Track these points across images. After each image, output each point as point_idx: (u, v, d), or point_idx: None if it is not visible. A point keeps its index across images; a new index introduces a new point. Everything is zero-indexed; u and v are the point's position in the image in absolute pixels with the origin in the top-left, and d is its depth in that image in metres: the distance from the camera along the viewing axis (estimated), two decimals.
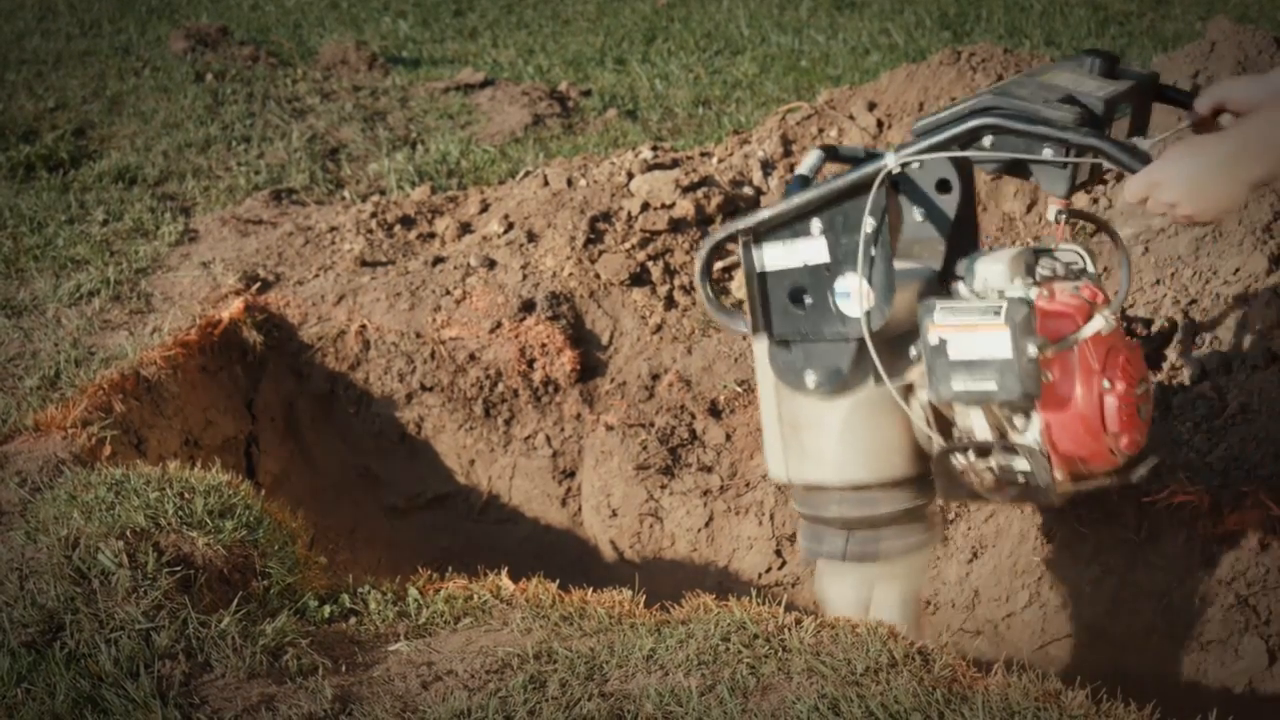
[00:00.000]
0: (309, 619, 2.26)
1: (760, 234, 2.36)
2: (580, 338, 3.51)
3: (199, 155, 4.84)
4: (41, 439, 2.74)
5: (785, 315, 2.38)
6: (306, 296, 3.56)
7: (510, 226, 3.80)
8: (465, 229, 3.93)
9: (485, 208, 4.04)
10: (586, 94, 5.88)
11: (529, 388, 3.43)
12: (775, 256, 2.36)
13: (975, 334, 2.16)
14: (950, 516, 3.05)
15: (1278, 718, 2.69)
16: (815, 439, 2.40)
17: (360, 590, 2.37)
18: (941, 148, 2.20)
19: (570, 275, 3.57)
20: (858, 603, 2.47)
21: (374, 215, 4.00)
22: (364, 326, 3.48)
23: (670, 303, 3.61)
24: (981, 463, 2.26)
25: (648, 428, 3.30)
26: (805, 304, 2.35)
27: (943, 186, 2.30)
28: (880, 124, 4.06)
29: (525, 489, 3.48)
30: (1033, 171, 2.18)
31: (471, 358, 3.42)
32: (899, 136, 3.93)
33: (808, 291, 2.34)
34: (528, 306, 3.48)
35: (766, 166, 3.98)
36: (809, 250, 2.32)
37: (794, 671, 2.00)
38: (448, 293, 3.52)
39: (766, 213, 2.35)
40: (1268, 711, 2.71)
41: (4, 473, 2.60)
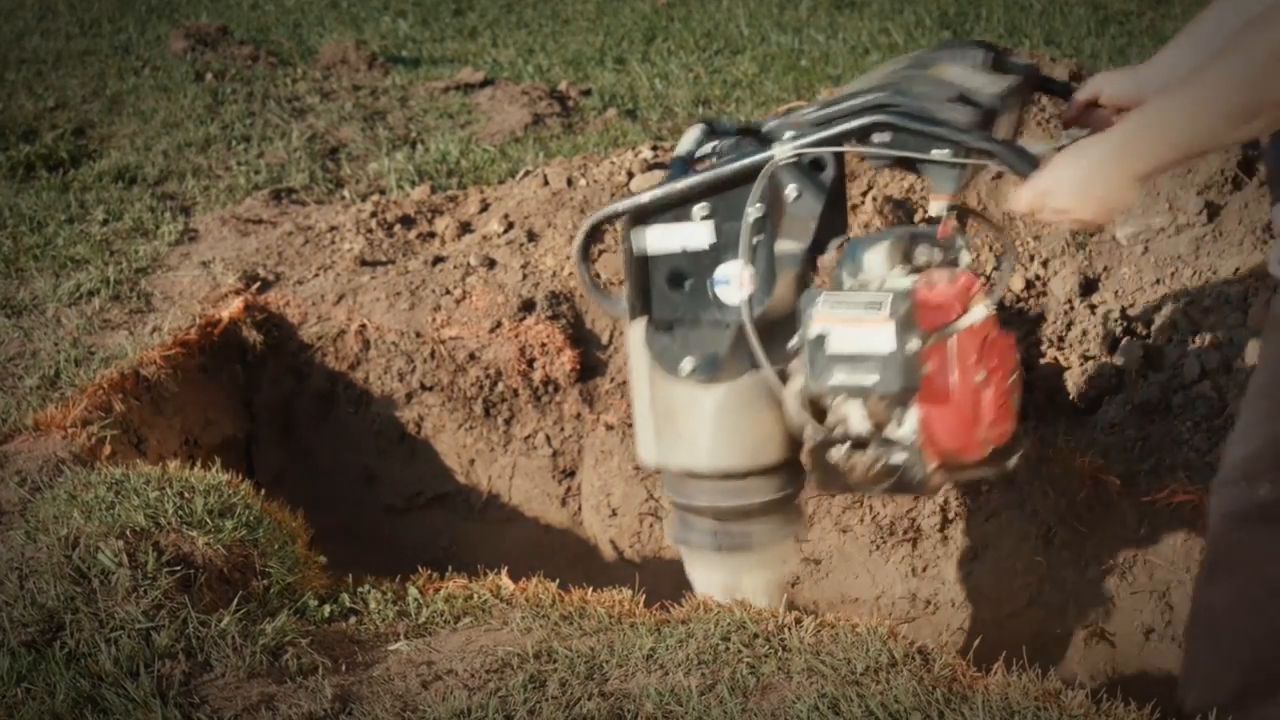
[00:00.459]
0: (309, 618, 2.26)
1: (642, 217, 2.36)
2: (580, 337, 3.51)
3: (199, 155, 4.84)
4: (41, 438, 2.74)
5: (664, 299, 2.38)
6: (306, 296, 3.56)
7: (510, 226, 3.80)
8: (465, 228, 3.94)
9: (485, 207, 4.05)
10: (586, 93, 5.88)
11: (529, 387, 3.43)
12: (656, 240, 2.36)
13: (858, 327, 2.16)
14: (950, 516, 3.05)
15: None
16: (689, 425, 2.40)
17: (360, 590, 2.37)
18: (834, 142, 2.20)
19: (570, 275, 3.57)
20: (725, 589, 2.49)
21: (374, 215, 4.00)
22: (364, 326, 3.48)
23: None
24: (857, 454, 2.26)
25: None
26: (684, 289, 2.36)
27: (817, 166, 2.29)
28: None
29: (525, 488, 3.48)
30: (923, 170, 2.19)
31: (471, 357, 3.42)
32: None
33: (687, 276, 2.35)
34: (528, 306, 3.48)
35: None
36: (690, 235, 2.33)
37: (794, 671, 2.00)
38: (448, 292, 3.52)
39: (648, 196, 2.35)
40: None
41: (4, 472, 2.60)
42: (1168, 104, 1.87)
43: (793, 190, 2.28)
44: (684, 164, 2.36)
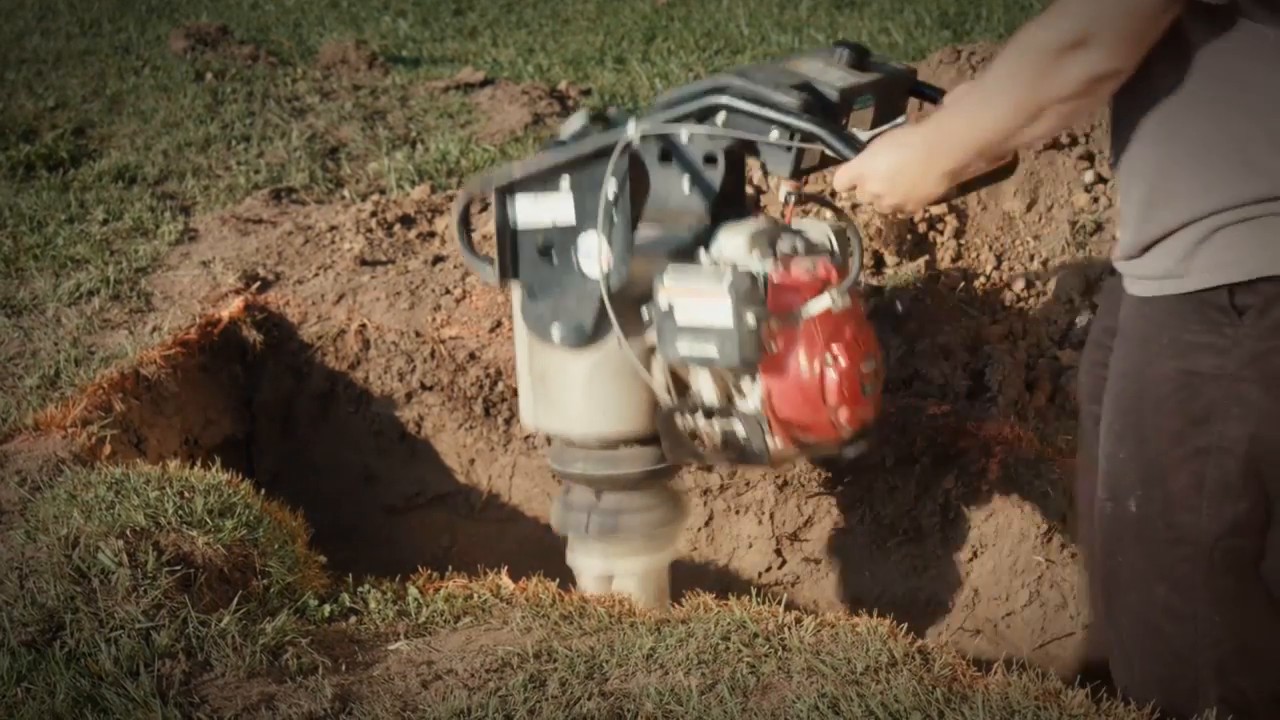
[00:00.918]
0: (309, 618, 2.26)
1: (514, 188, 2.48)
2: None
3: (199, 154, 4.84)
4: (41, 438, 2.74)
5: (533, 268, 2.49)
6: (306, 296, 3.56)
7: None
8: None
9: (485, 207, 4.04)
10: (586, 93, 5.88)
11: None
12: (526, 211, 2.48)
13: (700, 300, 2.25)
14: (951, 515, 3.05)
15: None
16: (561, 390, 2.52)
17: (360, 589, 2.37)
18: (677, 121, 2.30)
19: None
20: (601, 576, 2.60)
21: (374, 214, 4.00)
22: (364, 325, 3.48)
23: None
24: (706, 425, 2.36)
25: None
26: (552, 258, 2.46)
27: (709, 160, 2.38)
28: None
29: (525, 488, 3.48)
30: (760, 152, 2.27)
31: (471, 357, 3.42)
32: None
33: (555, 247, 2.46)
34: None
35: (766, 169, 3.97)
36: (557, 207, 2.44)
37: (794, 670, 2.00)
38: (448, 292, 3.52)
39: (521, 167, 2.48)
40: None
41: (4, 472, 2.60)
42: (966, 103, 1.93)
43: (686, 182, 2.38)
44: (563, 144, 2.49)
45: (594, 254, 2.39)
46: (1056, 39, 1.75)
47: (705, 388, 2.38)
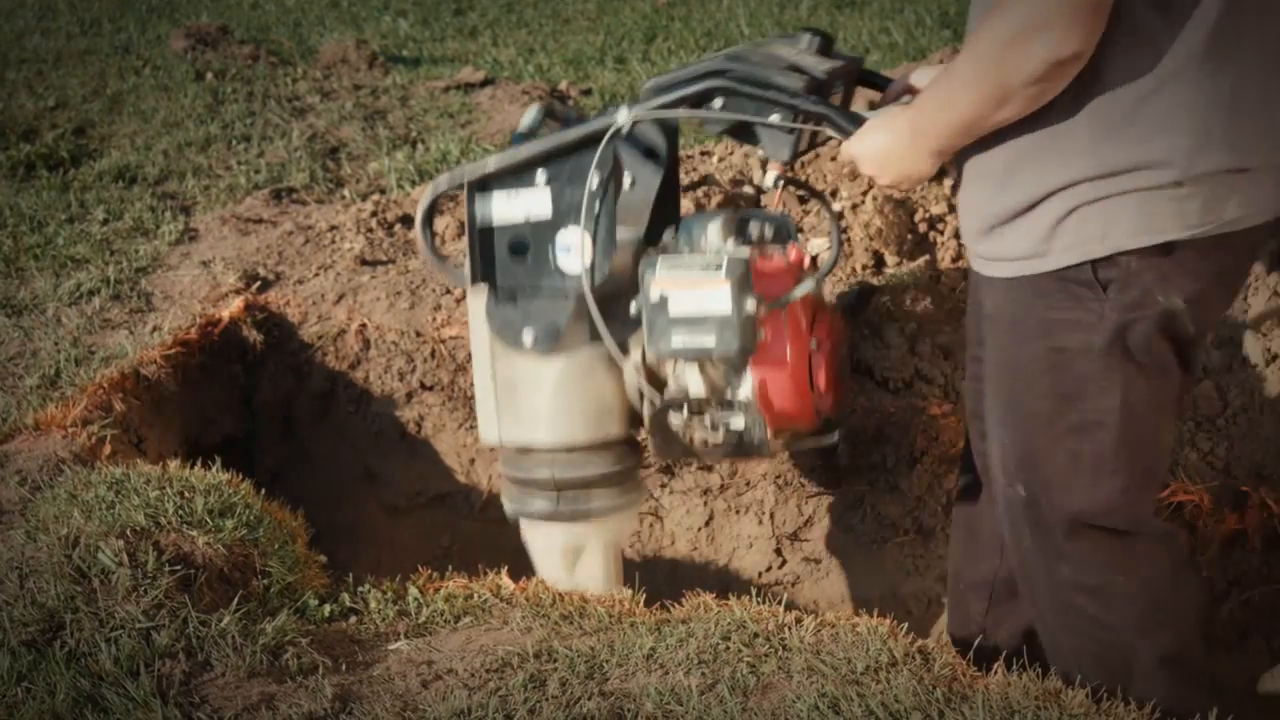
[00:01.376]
0: (309, 618, 2.26)
1: (485, 184, 2.41)
2: None
3: (199, 154, 4.84)
4: (42, 438, 2.74)
5: (506, 268, 2.42)
6: (306, 295, 3.56)
7: None
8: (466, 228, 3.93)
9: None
10: (587, 93, 5.88)
11: None
12: (500, 207, 2.41)
13: (697, 290, 2.23)
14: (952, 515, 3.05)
15: (1278, 718, 2.70)
16: (530, 398, 2.45)
17: (360, 589, 2.37)
18: (673, 106, 2.25)
19: None
20: (563, 560, 2.56)
21: (374, 214, 4.00)
22: (364, 325, 3.48)
23: None
24: (696, 420, 2.34)
25: None
26: (526, 257, 2.40)
27: (650, 154, 2.33)
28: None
29: None
30: (759, 136, 2.24)
31: (472, 357, 3.42)
32: None
33: (529, 244, 2.39)
34: None
35: (766, 165, 3.97)
36: (532, 202, 2.38)
37: (794, 670, 2.00)
38: (448, 291, 3.52)
39: (493, 162, 2.40)
40: (1269, 711, 2.71)
41: (4, 471, 2.60)
42: (943, 86, 1.96)
43: (628, 177, 2.33)
44: (524, 139, 2.43)
45: (574, 250, 2.34)
46: (1016, 25, 1.78)
47: (692, 381, 2.35)
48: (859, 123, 2.12)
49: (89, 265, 3.75)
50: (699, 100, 2.24)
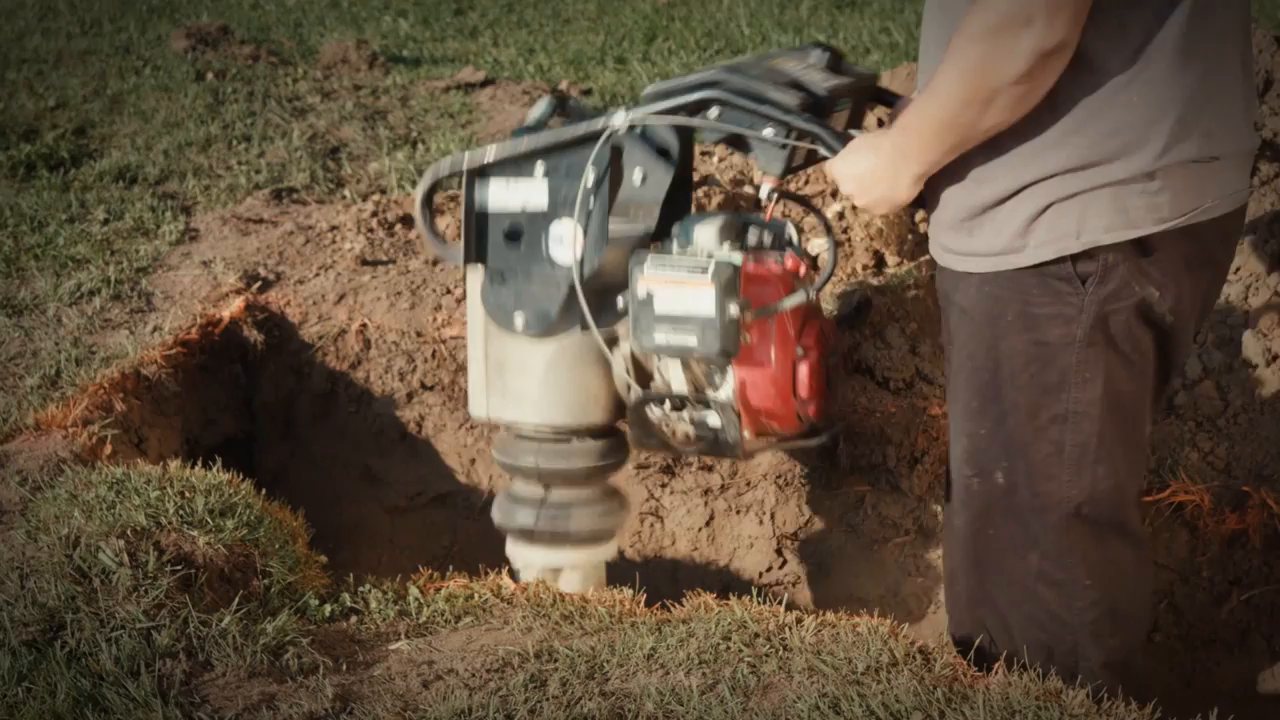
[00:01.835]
0: (310, 618, 2.26)
1: (484, 172, 2.48)
2: None
3: (200, 154, 4.84)
4: (42, 438, 2.74)
5: (499, 251, 2.49)
6: (307, 295, 3.56)
7: None
8: None
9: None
10: (587, 93, 5.88)
11: None
12: (497, 195, 2.48)
13: (682, 289, 2.28)
14: None
15: (1278, 718, 2.70)
16: (519, 379, 2.53)
17: (361, 589, 2.37)
18: (670, 113, 2.30)
19: None
20: (545, 569, 2.62)
21: (375, 214, 4.00)
22: (364, 325, 3.48)
23: None
24: (676, 415, 2.40)
25: None
26: (520, 244, 2.47)
27: (663, 153, 2.38)
28: (881, 123, 4.06)
29: None
30: (752, 148, 2.27)
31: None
32: None
33: (523, 232, 2.46)
34: None
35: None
36: (529, 192, 2.45)
37: (795, 670, 2.00)
38: (448, 291, 3.52)
39: (493, 151, 2.47)
40: (1269, 711, 2.71)
41: (5, 471, 2.60)
42: (924, 102, 1.95)
43: (639, 173, 2.37)
44: (530, 130, 2.50)
45: (566, 241, 2.40)
46: (998, 20, 1.78)
47: (675, 378, 2.40)
48: (848, 142, 2.14)
49: (89, 265, 3.75)
50: (695, 109, 2.28)
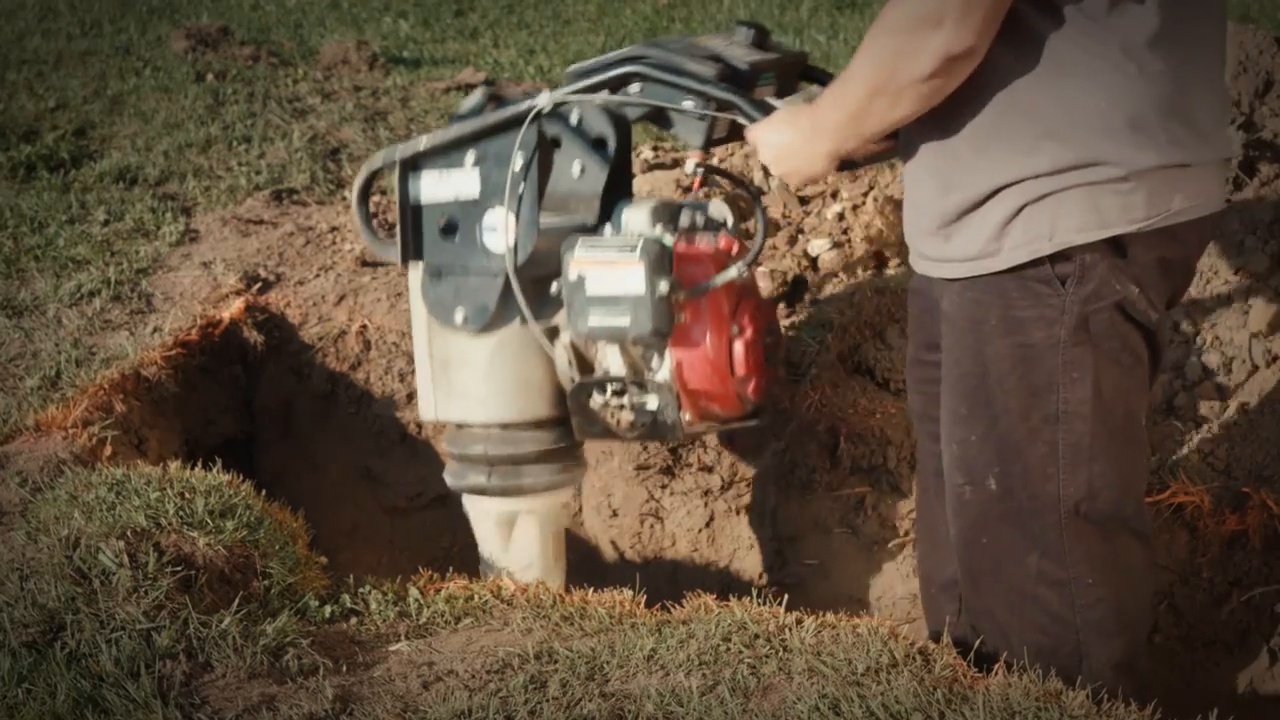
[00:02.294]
0: (310, 619, 2.26)
1: (417, 163, 2.48)
2: None
3: (200, 155, 4.84)
4: (42, 439, 2.74)
5: (436, 246, 2.49)
6: (307, 296, 3.56)
7: None
8: None
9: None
10: None
11: None
12: (430, 186, 2.49)
13: (612, 269, 2.29)
14: None
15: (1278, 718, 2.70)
16: (463, 376, 2.52)
17: (361, 590, 2.37)
18: (592, 90, 2.32)
19: None
20: (498, 530, 2.62)
21: (375, 215, 4.00)
22: (365, 326, 3.48)
23: None
24: (616, 400, 2.40)
25: None
26: (455, 237, 2.47)
27: (599, 144, 2.39)
28: None
29: None
30: (673, 122, 2.30)
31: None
32: None
33: (458, 224, 2.46)
34: None
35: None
36: (461, 182, 2.45)
37: (795, 671, 2.00)
38: None
39: (424, 141, 2.47)
40: (1270, 712, 2.71)
41: (5, 472, 2.60)
42: (839, 86, 1.99)
43: (577, 166, 2.38)
44: (462, 120, 2.49)
45: (499, 229, 2.39)
46: (909, 21, 1.81)
47: (612, 362, 2.40)
48: (768, 111, 2.17)
49: (89, 266, 3.75)
50: (616, 85, 2.31)
